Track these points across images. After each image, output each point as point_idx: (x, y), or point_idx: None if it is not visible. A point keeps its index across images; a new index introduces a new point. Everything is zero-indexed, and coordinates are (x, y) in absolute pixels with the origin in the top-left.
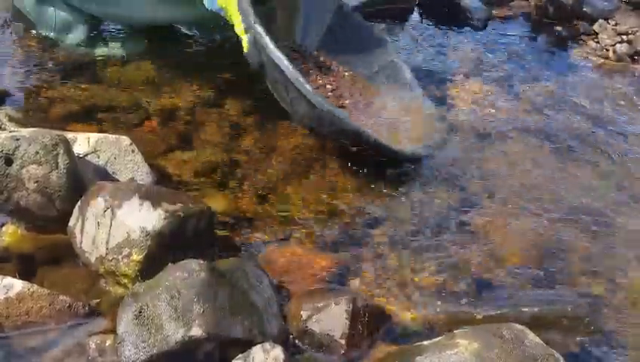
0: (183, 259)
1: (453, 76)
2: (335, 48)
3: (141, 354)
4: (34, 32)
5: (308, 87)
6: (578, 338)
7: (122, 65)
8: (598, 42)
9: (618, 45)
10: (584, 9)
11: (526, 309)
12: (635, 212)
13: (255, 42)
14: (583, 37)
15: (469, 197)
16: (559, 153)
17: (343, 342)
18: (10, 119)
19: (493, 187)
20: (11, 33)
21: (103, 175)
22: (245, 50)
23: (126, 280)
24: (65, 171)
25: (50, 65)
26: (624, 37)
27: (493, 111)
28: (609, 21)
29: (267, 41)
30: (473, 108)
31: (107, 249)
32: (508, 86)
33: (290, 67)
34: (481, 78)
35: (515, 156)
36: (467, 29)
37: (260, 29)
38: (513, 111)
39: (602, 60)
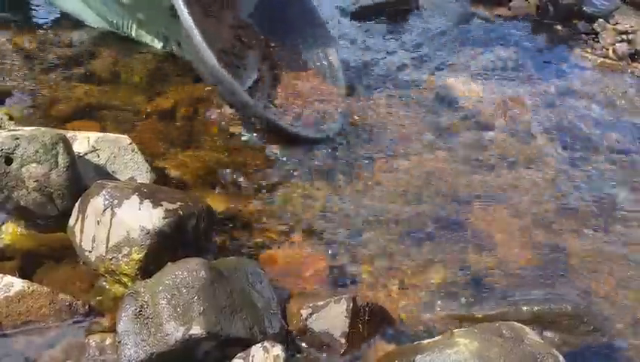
0: (182, 258)
1: (452, 74)
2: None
3: (141, 352)
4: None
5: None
6: (577, 337)
7: (122, 64)
8: (598, 41)
9: (618, 44)
10: (584, 8)
11: (526, 308)
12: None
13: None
14: (583, 36)
15: (469, 196)
16: (558, 153)
17: (343, 340)
18: (10, 118)
19: (491, 185)
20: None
21: (103, 174)
22: None
23: (126, 279)
24: (65, 170)
25: (51, 64)
26: (624, 36)
27: (492, 109)
28: (609, 20)
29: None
30: (470, 107)
31: (107, 248)
32: (507, 85)
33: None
34: (479, 77)
35: (515, 155)
36: (468, 28)
37: None
38: (512, 109)
39: (602, 59)
